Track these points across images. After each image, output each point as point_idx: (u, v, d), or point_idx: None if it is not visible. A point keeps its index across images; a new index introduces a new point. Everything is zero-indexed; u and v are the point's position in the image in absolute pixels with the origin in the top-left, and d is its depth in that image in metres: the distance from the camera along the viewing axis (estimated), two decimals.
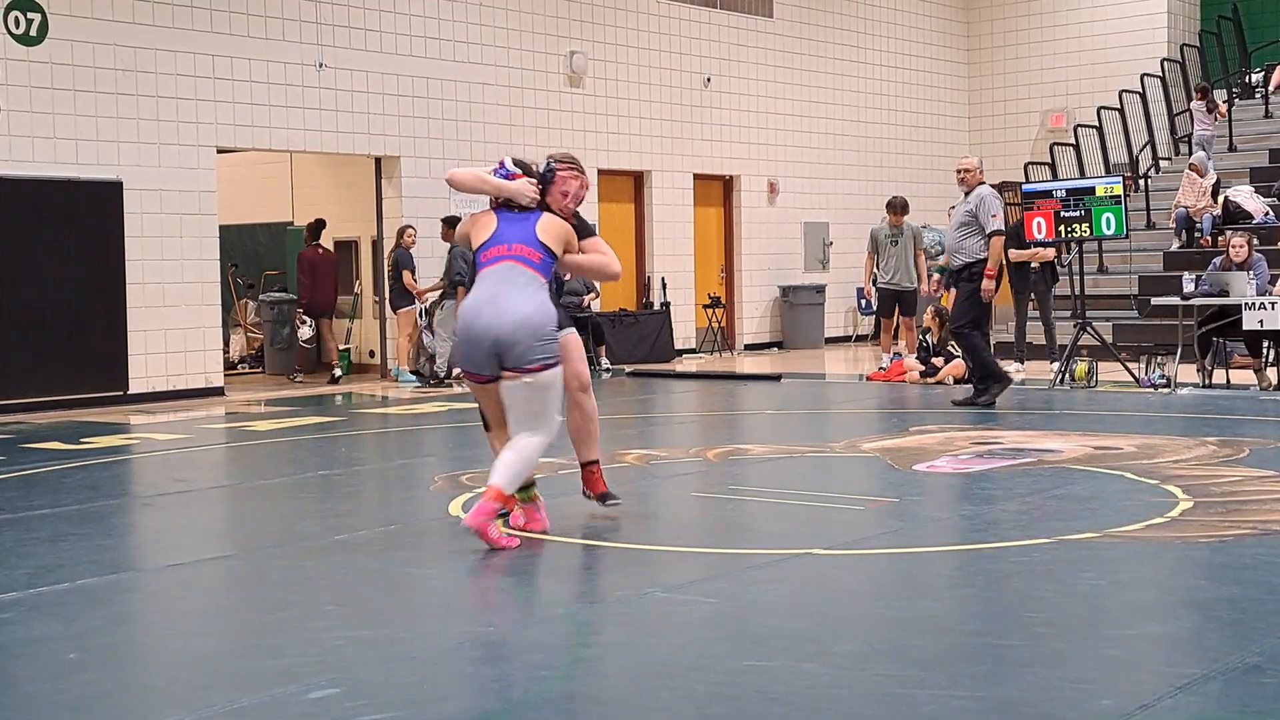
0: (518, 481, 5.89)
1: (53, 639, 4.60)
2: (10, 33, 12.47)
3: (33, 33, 12.60)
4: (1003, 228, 11.27)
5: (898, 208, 14.70)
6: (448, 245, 14.82)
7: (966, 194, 11.31)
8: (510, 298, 5.90)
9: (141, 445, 10.17)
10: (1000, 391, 11.07)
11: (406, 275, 14.99)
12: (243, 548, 6.25)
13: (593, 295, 16.13)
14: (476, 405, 6.30)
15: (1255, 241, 13.16)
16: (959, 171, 11.47)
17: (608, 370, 15.67)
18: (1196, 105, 18.84)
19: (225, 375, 14.44)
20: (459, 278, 13.51)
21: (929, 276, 14.87)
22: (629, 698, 3.87)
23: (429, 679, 4.06)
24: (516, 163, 6.31)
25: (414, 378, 14.94)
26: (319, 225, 15.78)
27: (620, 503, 6.49)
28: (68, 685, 4.09)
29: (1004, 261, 15.01)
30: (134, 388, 13.28)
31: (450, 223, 15.11)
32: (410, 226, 15.14)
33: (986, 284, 11.04)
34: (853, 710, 3.70)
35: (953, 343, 13.41)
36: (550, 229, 6.16)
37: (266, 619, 4.91)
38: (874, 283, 15.62)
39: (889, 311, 15.05)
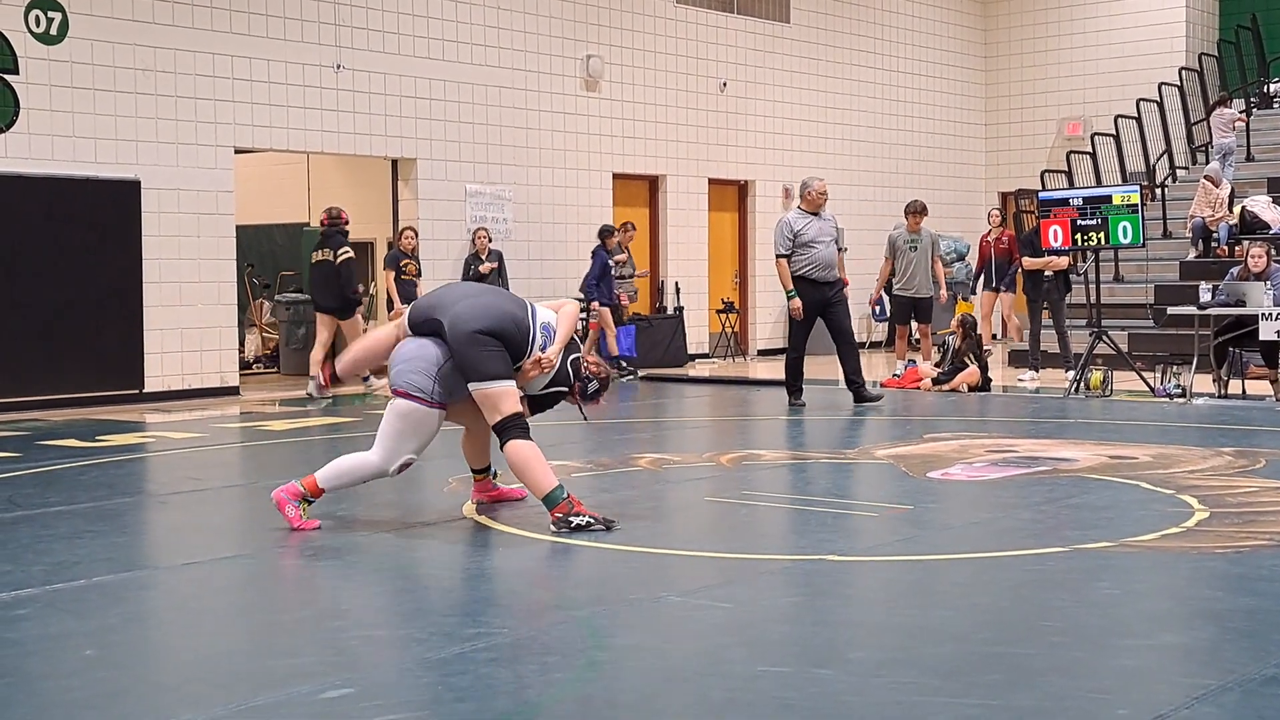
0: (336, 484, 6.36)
1: (69, 636, 4.62)
2: (31, 31, 12.52)
3: (53, 32, 12.66)
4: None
5: (917, 210, 14.68)
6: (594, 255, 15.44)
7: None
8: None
9: (157, 443, 10.19)
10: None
11: (388, 276, 14.92)
12: (257, 547, 6.26)
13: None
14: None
15: (1274, 252, 13.12)
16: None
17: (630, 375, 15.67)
18: (1222, 113, 18.71)
19: (240, 375, 14.46)
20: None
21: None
22: (643, 702, 3.87)
23: (443, 680, 4.07)
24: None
25: None
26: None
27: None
28: (84, 682, 4.10)
29: (1019, 269, 15.04)
30: (150, 386, 13.32)
31: (606, 233, 15.75)
32: (410, 228, 15.14)
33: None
34: (867, 717, 3.70)
35: (969, 354, 13.40)
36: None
37: (281, 618, 4.92)
38: (888, 289, 15.61)
39: (905, 318, 15.03)
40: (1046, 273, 14.42)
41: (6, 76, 12.39)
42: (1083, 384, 12.47)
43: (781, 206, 19.81)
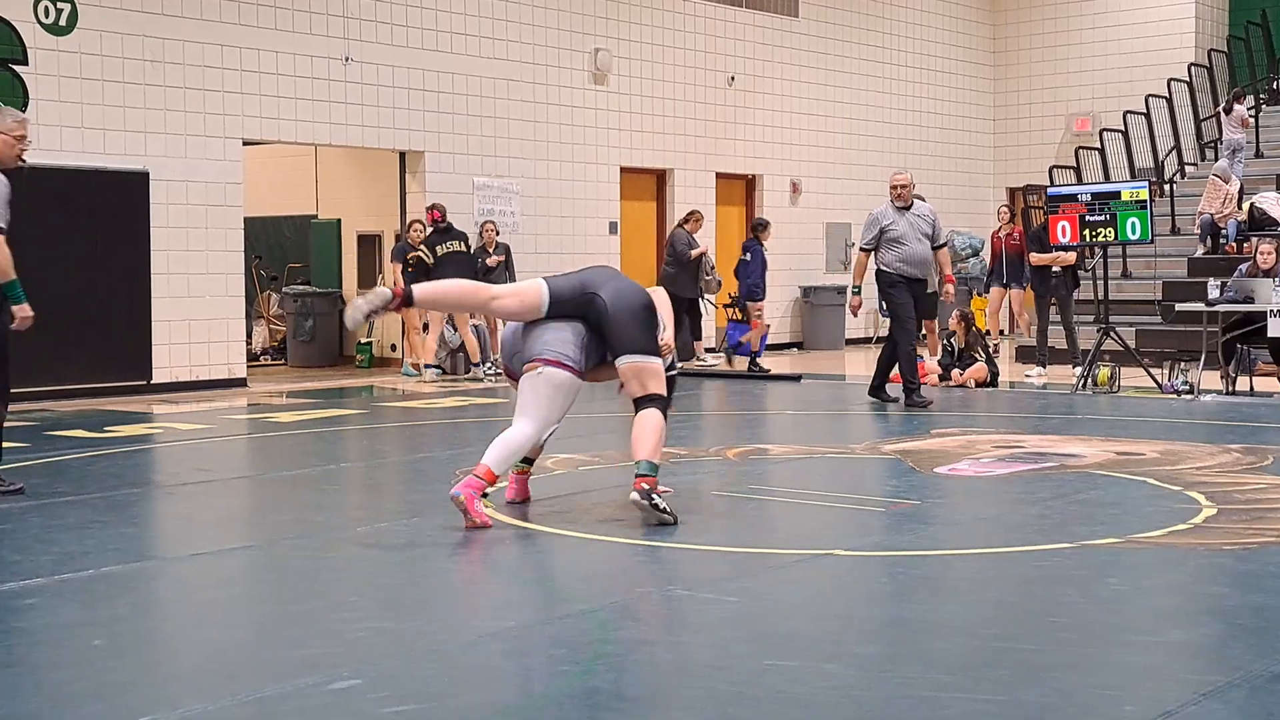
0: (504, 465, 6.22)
1: (77, 626, 4.63)
2: (40, 22, 12.53)
3: (62, 22, 12.66)
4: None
5: None
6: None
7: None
8: None
9: (165, 435, 10.21)
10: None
11: (395, 268, 14.98)
12: (265, 538, 6.27)
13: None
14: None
15: None
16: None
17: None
18: (1237, 109, 18.65)
19: (248, 367, 14.48)
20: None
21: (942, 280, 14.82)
22: (650, 695, 3.87)
23: (450, 672, 4.07)
24: None
25: (416, 373, 14.96)
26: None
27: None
28: (92, 672, 4.11)
29: (1027, 265, 15.01)
30: (158, 378, 13.33)
31: (761, 227, 16.13)
32: (418, 221, 15.17)
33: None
34: (874, 712, 3.70)
35: (977, 349, 13.40)
36: None
37: (289, 609, 4.92)
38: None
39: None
40: (1054, 268, 14.39)
41: (15, 67, 12.39)
42: (1090, 380, 12.46)
43: (789, 201, 19.81)
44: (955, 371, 13.27)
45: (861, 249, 11.65)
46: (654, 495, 6.10)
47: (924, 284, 11.54)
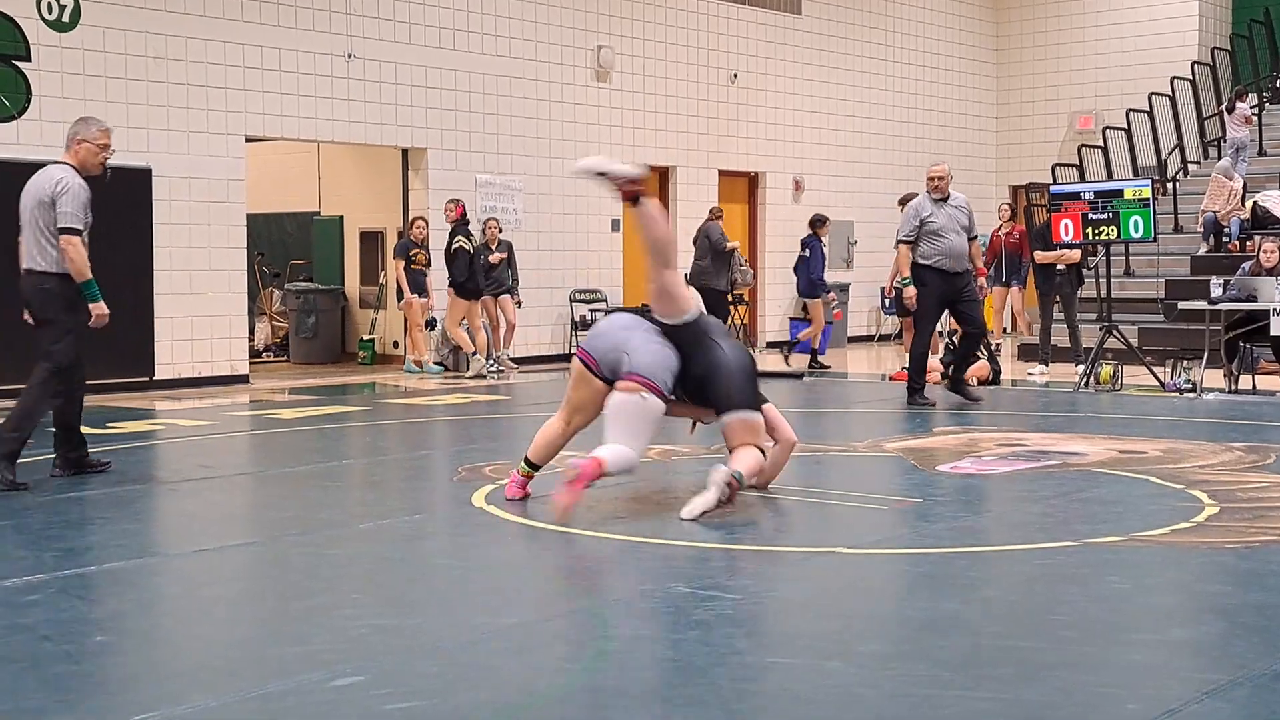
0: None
1: (80, 621, 4.63)
2: (43, 18, 12.53)
3: (65, 19, 12.67)
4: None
5: (905, 201, 14.79)
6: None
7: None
8: None
9: (167, 431, 10.22)
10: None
11: (398, 265, 15.04)
12: (267, 535, 6.27)
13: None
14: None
15: None
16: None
17: None
18: (1239, 107, 18.64)
19: (250, 363, 14.49)
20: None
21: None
22: (653, 693, 3.87)
23: (453, 669, 4.07)
24: None
25: (418, 369, 14.98)
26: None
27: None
28: (95, 668, 4.11)
29: (1031, 263, 15.00)
30: (160, 374, 13.34)
31: (818, 222, 16.12)
32: (421, 218, 15.19)
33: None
34: (877, 710, 3.70)
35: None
36: None
37: (291, 606, 4.93)
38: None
39: (907, 311, 15.08)
40: (1058, 267, 14.39)
41: (18, 63, 12.40)
42: (1093, 378, 12.45)
43: (791, 199, 19.80)
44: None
45: (902, 241, 11.36)
46: (729, 489, 6.19)
47: (961, 277, 11.23)
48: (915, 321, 11.66)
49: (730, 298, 16.68)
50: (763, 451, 6.59)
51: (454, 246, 14.53)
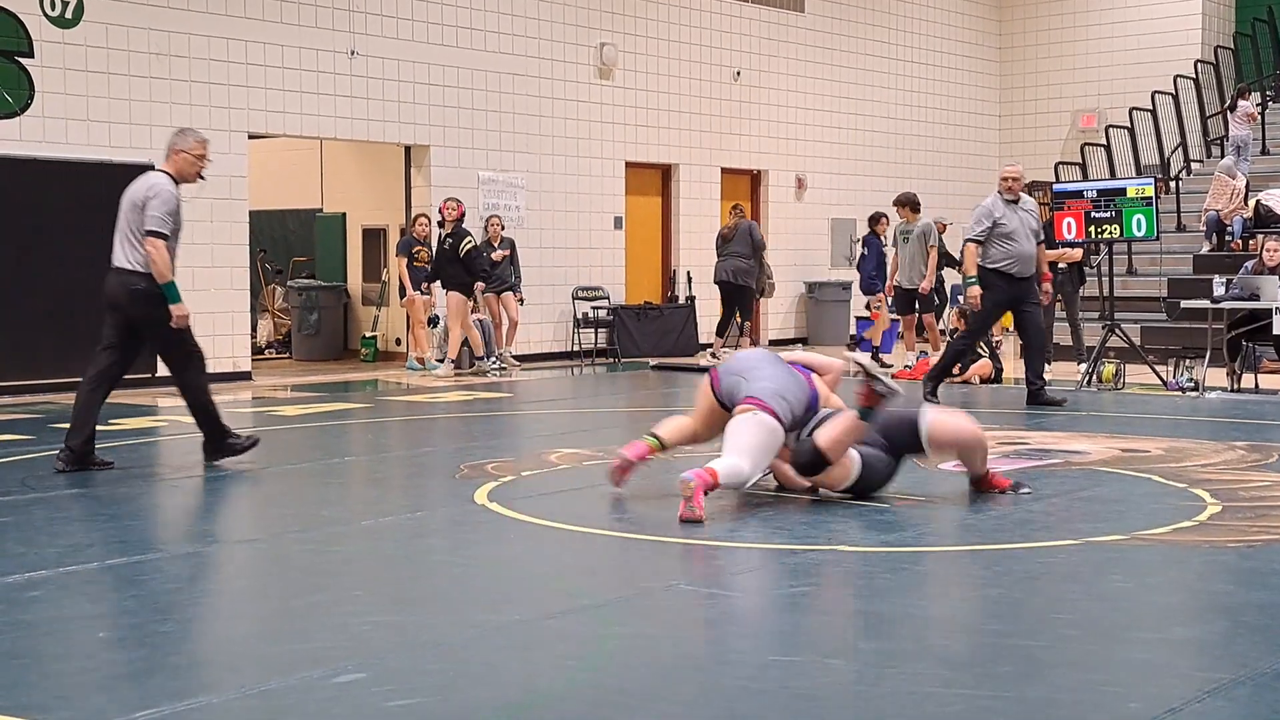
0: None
1: (81, 618, 4.63)
2: (46, 15, 12.53)
3: (68, 15, 12.67)
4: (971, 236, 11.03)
5: (903, 203, 14.90)
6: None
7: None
8: None
9: (169, 427, 10.22)
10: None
11: (400, 262, 15.04)
12: (269, 531, 6.28)
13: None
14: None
15: None
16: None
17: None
18: (1240, 105, 18.64)
19: (253, 360, 14.48)
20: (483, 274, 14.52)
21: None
22: (655, 690, 3.87)
23: (455, 666, 4.07)
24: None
25: (420, 366, 14.97)
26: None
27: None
28: (96, 664, 4.11)
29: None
30: (163, 370, 13.29)
31: (875, 220, 16.25)
32: (423, 215, 15.19)
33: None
34: (879, 708, 3.70)
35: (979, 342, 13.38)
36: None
37: (293, 603, 4.93)
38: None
39: (905, 309, 15.16)
40: (1060, 265, 14.38)
41: (21, 60, 12.40)
42: (1095, 377, 12.45)
43: (794, 196, 19.80)
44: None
45: (971, 240, 10.91)
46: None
47: (1028, 283, 10.88)
48: (971, 321, 11.41)
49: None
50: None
51: (466, 246, 14.44)
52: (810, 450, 6.47)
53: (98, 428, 7.91)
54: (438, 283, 14.81)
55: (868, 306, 16.91)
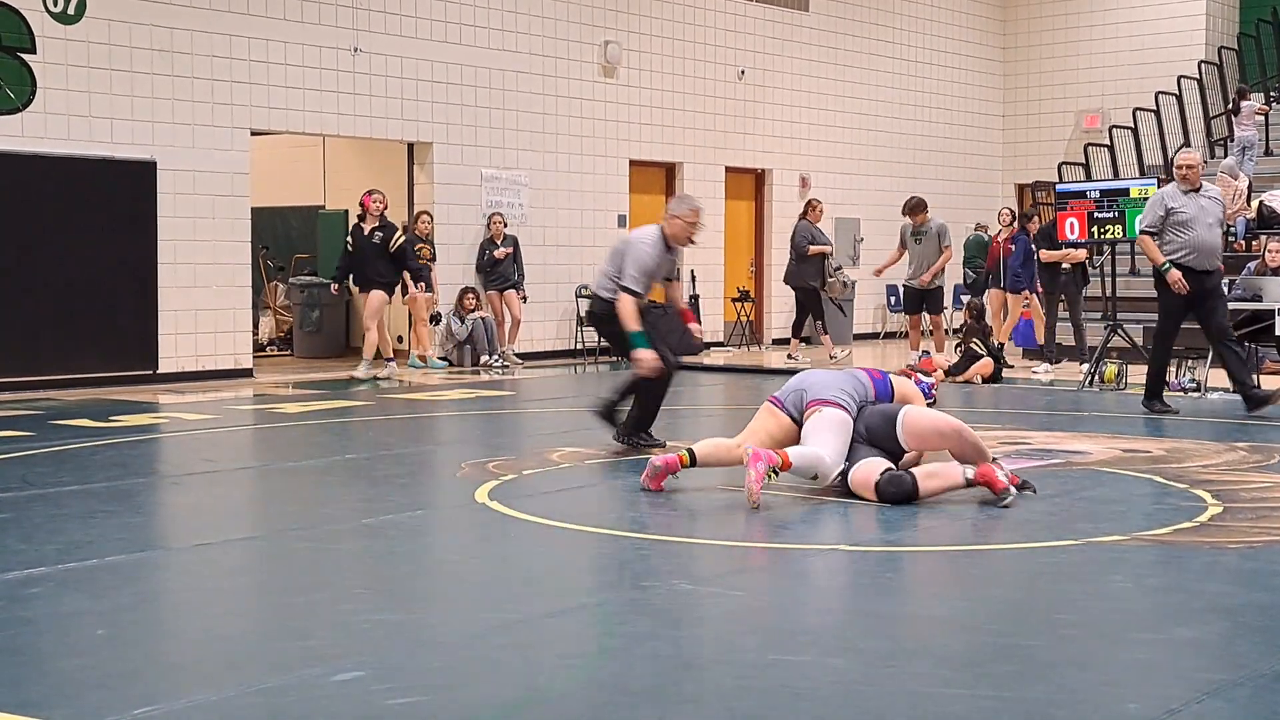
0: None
1: (81, 615, 4.63)
2: (49, 11, 12.53)
3: (70, 11, 12.66)
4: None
5: (913, 208, 14.91)
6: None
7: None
8: None
9: (170, 425, 10.22)
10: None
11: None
12: (270, 529, 6.27)
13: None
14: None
15: None
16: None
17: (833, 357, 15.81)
18: (1244, 106, 18.63)
19: (254, 357, 14.49)
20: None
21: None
22: (655, 689, 3.86)
23: (455, 664, 4.07)
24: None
25: (422, 364, 14.96)
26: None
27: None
28: (96, 661, 4.11)
29: (1037, 262, 14.97)
30: (164, 367, 13.34)
31: (1027, 217, 15.90)
32: (426, 212, 15.17)
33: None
34: (879, 707, 3.69)
35: (975, 340, 13.38)
36: None
37: (293, 600, 4.92)
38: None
39: (915, 308, 15.15)
40: (1063, 265, 14.37)
41: (23, 55, 12.40)
42: (1097, 377, 12.44)
43: (798, 195, 19.78)
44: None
45: (1145, 231, 10.40)
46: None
47: (1211, 276, 10.30)
48: (1159, 321, 10.81)
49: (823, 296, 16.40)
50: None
51: (398, 240, 13.91)
52: (907, 491, 6.53)
53: (97, 424, 7.91)
54: (383, 281, 14.08)
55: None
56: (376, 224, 13.96)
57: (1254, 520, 6.21)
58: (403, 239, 14.05)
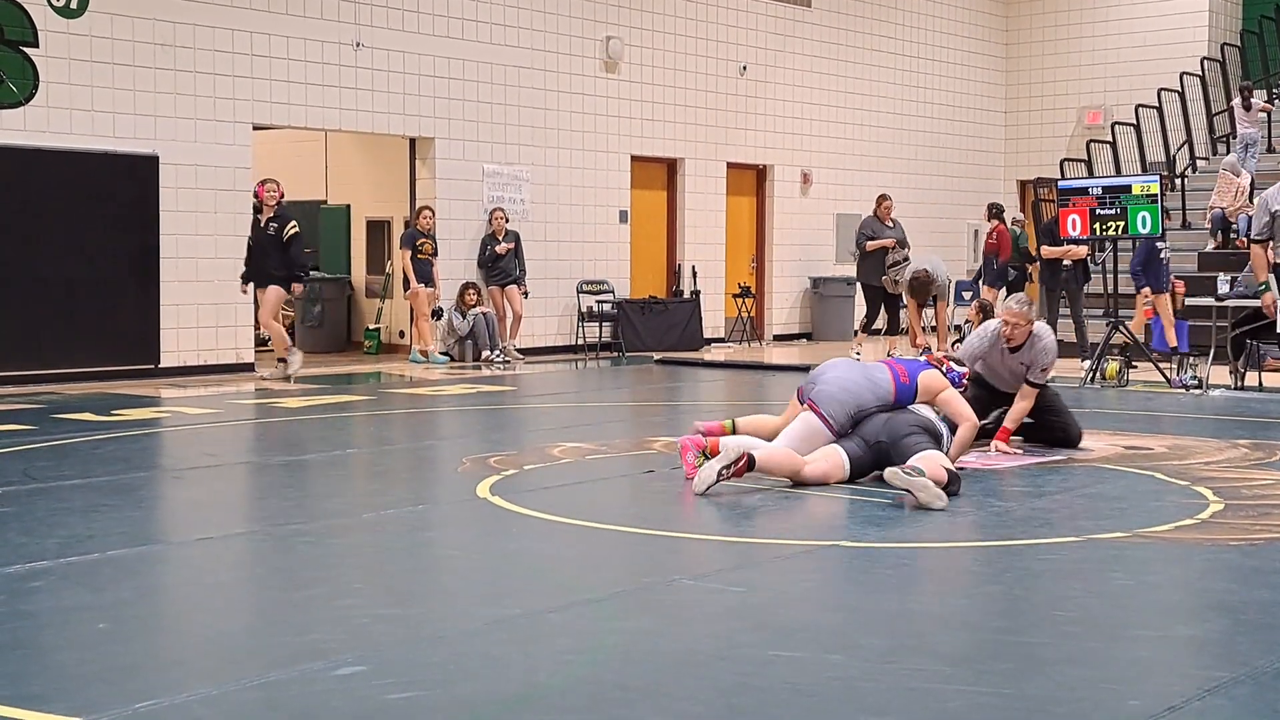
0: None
1: (82, 609, 4.63)
2: (51, 5, 12.52)
3: (73, 5, 12.66)
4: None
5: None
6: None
7: None
8: None
9: (172, 419, 10.22)
10: None
11: (404, 255, 15.01)
12: (270, 523, 6.27)
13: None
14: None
15: None
16: None
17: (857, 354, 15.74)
18: (1237, 104, 18.64)
19: (256, 352, 14.49)
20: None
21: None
22: (654, 685, 3.86)
23: (455, 660, 4.07)
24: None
25: (424, 359, 14.96)
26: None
27: None
28: (97, 655, 4.11)
29: (1037, 258, 14.98)
30: (165, 361, 13.35)
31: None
32: (427, 208, 15.17)
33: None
34: (879, 704, 3.69)
35: None
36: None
37: (294, 595, 4.93)
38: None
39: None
40: (1064, 262, 14.36)
41: (26, 50, 12.40)
42: (1099, 374, 12.43)
43: (800, 191, 19.77)
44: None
45: (1253, 241, 9.88)
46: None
47: None
48: (1261, 330, 10.44)
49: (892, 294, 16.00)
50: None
51: (290, 230, 13.12)
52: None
53: (98, 418, 7.90)
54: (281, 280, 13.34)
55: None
56: (272, 215, 13.19)
57: (1255, 518, 6.21)
58: (295, 229, 13.20)
